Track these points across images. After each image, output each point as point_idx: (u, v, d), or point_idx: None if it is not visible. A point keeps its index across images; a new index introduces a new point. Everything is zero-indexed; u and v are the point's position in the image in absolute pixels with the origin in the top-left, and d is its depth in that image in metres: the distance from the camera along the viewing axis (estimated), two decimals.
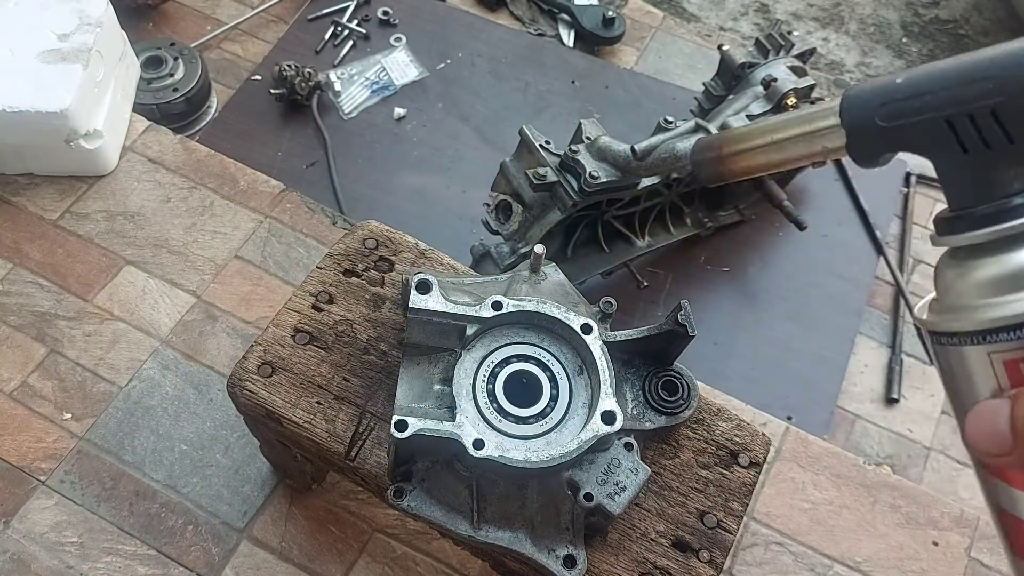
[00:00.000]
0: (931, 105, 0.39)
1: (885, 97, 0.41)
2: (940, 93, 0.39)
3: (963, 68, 0.39)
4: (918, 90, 0.40)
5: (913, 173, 2.01)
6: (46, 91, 1.49)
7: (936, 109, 0.39)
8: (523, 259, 1.43)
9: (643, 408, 0.94)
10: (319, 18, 2.13)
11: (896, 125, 0.41)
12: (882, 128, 0.42)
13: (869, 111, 0.42)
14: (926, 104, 0.39)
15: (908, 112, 0.40)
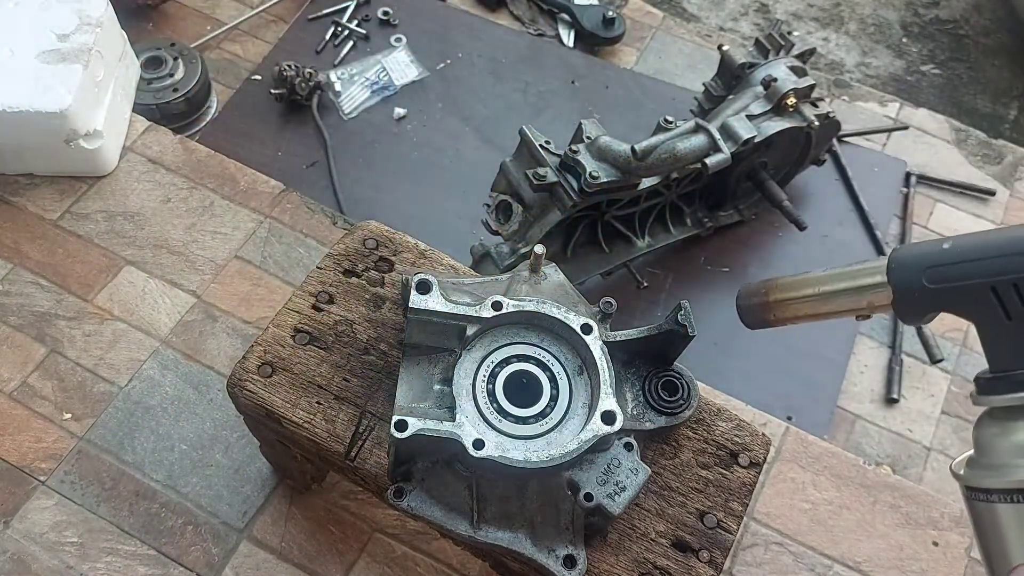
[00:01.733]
0: (977, 272, 0.41)
1: (932, 260, 0.43)
2: (987, 261, 0.41)
3: (1010, 239, 0.40)
4: (965, 256, 0.41)
5: (913, 173, 2.01)
6: (46, 91, 1.49)
7: (982, 276, 0.41)
8: (523, 259, 1.43)
9: (643, 408, 0.94)
10: (319, 18, 2.13)
11: (942, 287, 0.42)
12: (928, 289, 0.43)
13: (916, 272, 0.43)
14: (973, 270, 0.41)
15: (954, 276, 0.42)
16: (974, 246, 0.42)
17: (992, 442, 0.42)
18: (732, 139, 1.54)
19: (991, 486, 0.41)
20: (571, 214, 1.46)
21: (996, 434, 0.42)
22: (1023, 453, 0.40)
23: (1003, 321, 0.41)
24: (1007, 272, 0.40)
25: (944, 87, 2.53)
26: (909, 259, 0.45)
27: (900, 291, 0.45)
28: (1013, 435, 0.41)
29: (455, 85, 2.06)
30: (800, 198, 1.93)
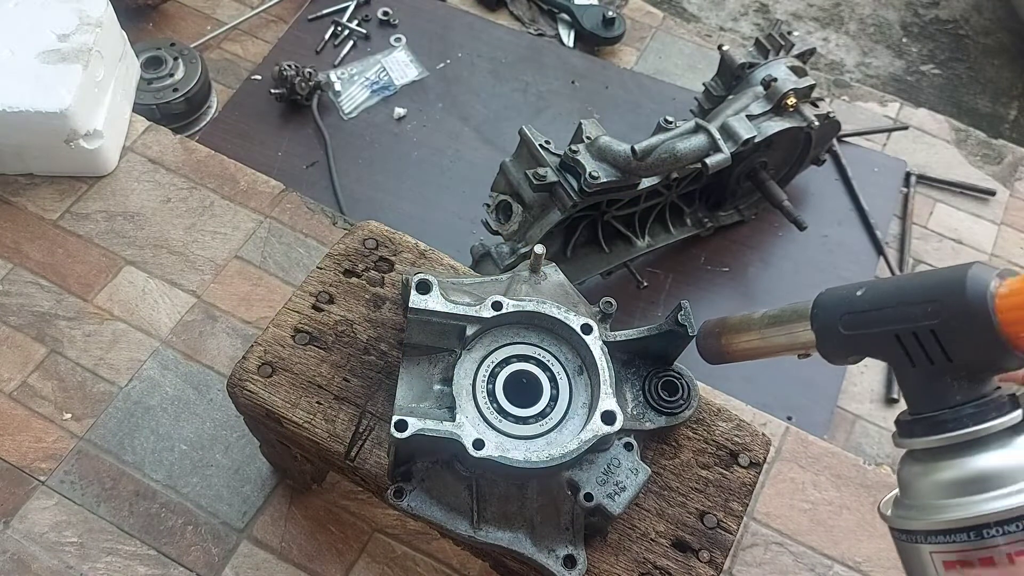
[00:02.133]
0: (883, 320, 0.42)
1: (847, 308, 0.45)
2: (890, 310, 0.42)
3: (910, 289, 0.42)
4: (873, 304, 0.43)
5: (913, 173, 2.01)
6: (46, 91, 1.49)
7: (887, 324, 0.42)
8: (523, 259, 1.43)
9: (643, 408, 0.94)
10: (319, 18, 2.13)
11: (856, 334, 0.44)
12: (844, 336, 0.45)
13: (834, 319, 0.45)
14: (879, 318, 0.42)
15: (864, 324, 0.43)
16: (881, 294, 0.43)
17: (914, 482, 0.44)
18: (732, 139, 1.54)
19: (915, 528, 0.42)
20: (571, 214, 1.46)
21: (918, 474, 0.43)
22: (943, 494, 0.41)
23: (909, 367, 0.42)
24: (907, 321, 0.41)
25: (944, 87, 2.53)
26: (829, 305, 0.46)
27: (821, 337, 0.47)
28: (933, 475, 0.42)
29: (455, 85, 2.06)
30: (800, 198, 1.93)
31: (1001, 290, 0.39)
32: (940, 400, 0.42)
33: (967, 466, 0.41)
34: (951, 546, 0.40)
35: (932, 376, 0.42)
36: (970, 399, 0.41)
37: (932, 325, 0.41)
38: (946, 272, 0.41)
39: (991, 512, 0.39)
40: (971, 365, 0.41)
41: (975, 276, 0.40)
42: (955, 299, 0.40)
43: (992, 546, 0.39)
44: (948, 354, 0.41)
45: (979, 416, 0.41)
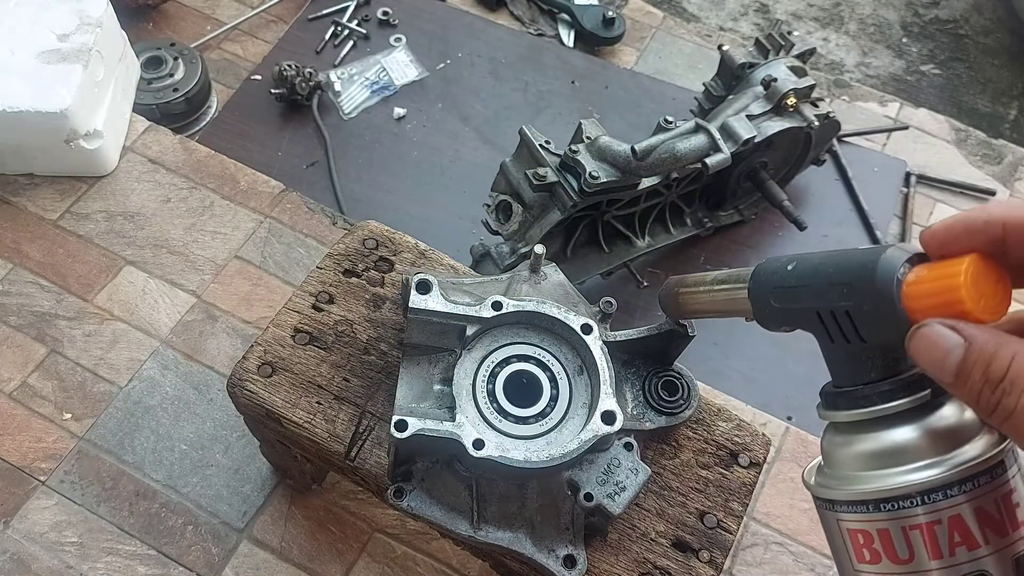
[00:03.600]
0: (806, 297, 0.44)
1: (777, 281, 0.47)
2: (812, 288, 0.44)
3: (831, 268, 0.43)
4: (799, 281, 0.45)
5: (913, 173, 2.01)
6: (46, 91, 1.49)
7: (809, 301, 0.44)
8: (523, 259, 1.43)
9: (643, 408, 0.94)
10: (319, 18, 2.13)
11: (784, 307, 0.46)
12: (776, 308, 0.47)
13: (766, 291, 0.47)
14: (803, 295, 0.44)
15: (791, 298, 0.45)
16: (806, 271, 0.45)
17: (835, 453, 0.45)
18: (732, 139, 1.54)
19: (834, 497, 0.44)
20: (571, 214, 1.46)
21: (839, 445, 0.45)
22: (863, 465, 0.43)
23: (829, 343, 0.44)
24: (825, 300, 0.42)
25: (944, 87, 2.53)
26: (763, 277, 0.48)
27: (755, 306, 0.48)
28: (854, 447, 0.43)
29: (455, 85, 2.06)
30: (800, 198, 1.94)
31: (909, 277, 0.40)
32: (857, 376, 0.44)
33: (876, 441, 0.43)
34: (856, 515, 0.42)
35: (850, 353, 0.43)
36: (884, 377, 0.43)
37: (847, 306, 0.42)
38: (862, 254, 0.42)
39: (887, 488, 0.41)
40: (884, 346, 0.42)
41: (885, 262, 0.40)
42: (866, 284, 0.41)
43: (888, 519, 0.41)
44: (861, 335, 0.42)
45: (890, 394, 0.42)
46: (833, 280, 0.43)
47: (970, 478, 0.40)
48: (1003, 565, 0.40)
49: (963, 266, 0.38)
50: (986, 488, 0.40)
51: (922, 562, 0.41)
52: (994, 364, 0.37)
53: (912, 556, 0.41)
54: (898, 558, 0.41)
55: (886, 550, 0.42)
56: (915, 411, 0.43)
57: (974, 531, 0.40)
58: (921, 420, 0.42)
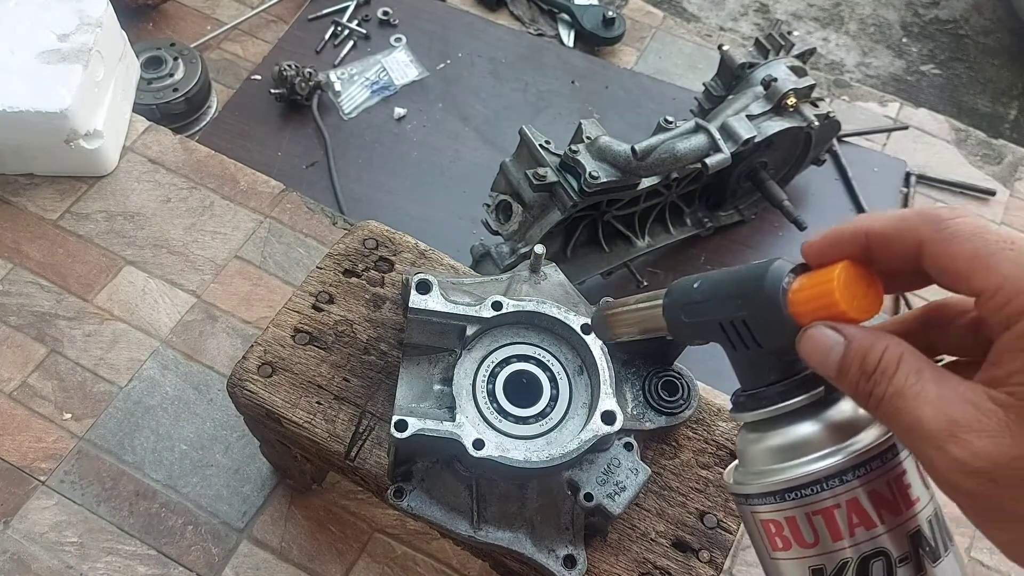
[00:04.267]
0: (710, 311, 0.48)
1: (686, 299, 0.51)
2: (715, 302, 0.48)
3: (728, 284, 0.48)
4: (704, 296, 0.49)
5: (913, 173, 2.01)
6: (46, 91, 1.49)
7: (713, 314, 0.48)
8: (523, 259, 1.43)
9: (643, 408, 0.94)
10: (319, 18, 2.13)
11: (693, 322, 0.50)
12: (687, 323, 0.51)
13: (677, 309, 0.51)
14: (708, 309, 0.49)
15: (699, 313, 0.49)
16: (709, 287, 0.49)
17: (747, 451, 0.48)
18: (732, 139, 1.54)
19: (747, 491, 0.48)
20: (571, 214, 1.46)
21: (749, 443, 0.48)
22: (771, 459, 0.46)
23: (732, 351, 0.48)
24: (726, 312, 0.47)
25: (944, 87, 2.53)
26: (674, 295, 0.52)
27: (670, 323, 0.52)
28: (761, 444, 0.47)
29: (455, 85, 2.06)
30: (800, 198, 1.94)
31: (793, 286, 0.44)
32: (759, 379, 0.48)
33: (780, 437, 0.47)
34: (766, 506, 0.47)
35: (751, 359, 0.48)
36: (783, 378, 0.47)
37: (743, 316, 0.46)
38: (754, 268, 0.46)
39: (789, 479, 0.45)
40: (779, 350, 0.46)
41: (772, 274, 0.45)
42: (757, 295, 0.45)
43: (794, 507, 0.45)
44: (758, 341, 0.46)
45: (787, 393, 0.46)
46: (730, 293, 0.47)
47: (862, 464, 0.44)
48: (899, 541, 0.44)
49: (835, 272, 0.43)
50: (878, 472, 0.44)
51: (826, 544, 0.45)
52: (869, 357, 0.41)
53: (817, 539, 0.45)
54: (805, 542, 0.45)
55: (794, 536, 0.46)
56: (812, 407, 0.46)
57: (870, 512, 0.44)
58: (819, 415, 0.46)
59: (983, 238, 0.39)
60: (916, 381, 0.39)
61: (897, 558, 0.44)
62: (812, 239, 0.46)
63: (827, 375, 0.43)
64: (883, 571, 0.44)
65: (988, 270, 0.38)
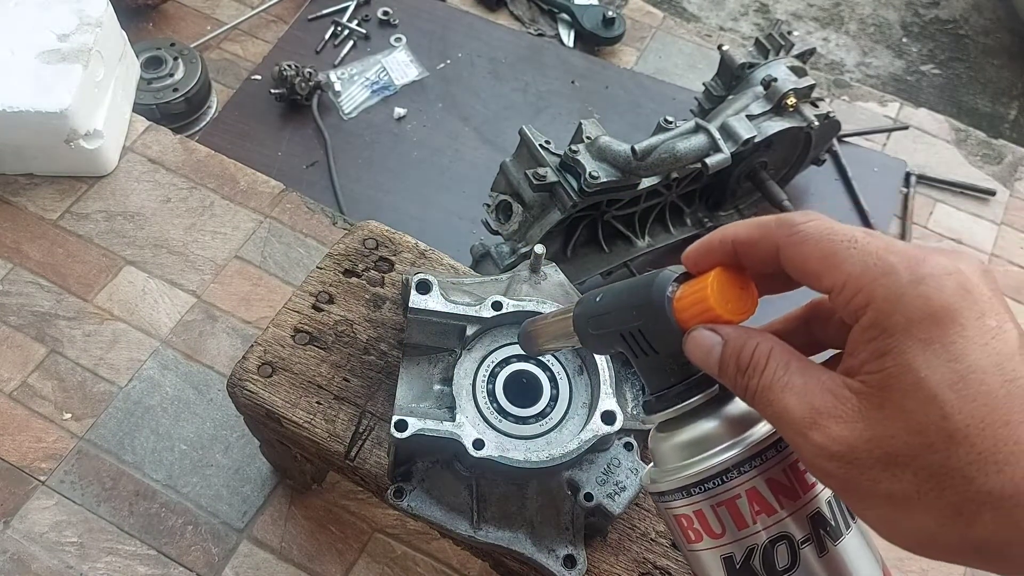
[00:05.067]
0: (610, 322, 0.51)
1: (591, 312, 0.53)
2: (612, 315, 0.51)
3: (622, 296, 0.50)
4: (605, 309, 0.52)
5: (913, 173, 2.01)
6: (46, 91, 1.49)
7: (613, 326, 0.51)
8: (523, 259, 1.43)
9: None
10: (319, 18, 2.13)
11: (599, 333, 0.53)
12: (593, 335, 0.53)
13: (584, 322, 0.54)
14: (608, 321, 0.51)
15: (602, 325, 0.52)
16: (609, 299, 0.52)
17: (657, 450, 0.51)
18: (732, 139, 1.54)
19: (660, 489, 0.50)
20: (571, 214, 1.46)
21: (659, 442, 0.51)
22: (679, 457, 0.49)
23: (634, 358, 0.51)
24: (624, 323, 0.50)
25: (944, 87, 2.53)
26: (582, 309, 0.54)
27: (579, 335, 0.55)
28: (668, 442, 0.50)
29: (455, 85, 2.06)
30: (800, 198, 1.94)
31: (677, 294, 0.47)
32: (661, 382, 0.50)
33: (684, 434, 0.49)
34: (678, 502, 0.49)
35: (651, 364, 0.50)
36: (680, 380, 0.49)
37: (638, 325, 0.49)
38: (644, 279, 0.49)
39: (692, 474, 0.48)
40: (673, 355, 0.49)
41: (658, 285, 0.48)
42: (647, 305, 0.48)
43: (700, 501, 0.48)
44: (654, 348, 0.49)
45: (685, 393, 0.49)
46: (625, 305, 0.50)
47: (758, 455, 0.46)
48: (801, 524, 0.46)
49: (709, 280, 0.46)
50: (774, 461, 0.46)
51: (733, 533, 0.47)
52: (742, 354, 0.44)
53: (724, 529, 0.47)
54: (714, 533, 0.48)
55: (704, 528, 0.48)
56: (710, 404, 0.49)
57: (770, 499, 0.46)
58: (716, 411, 0.48)
59: (830, 239, 0.41)
60: (784, 374, 0.42)
61: (800, 540, 0.46)
62: (689, 248, 0.48)
63: (711, 374, 0.46)
64: (787, 553, 0.46)
65: (834, 269, 0.41)
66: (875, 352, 0.39)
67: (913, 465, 0.38)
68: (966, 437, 0.36)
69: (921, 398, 0.37)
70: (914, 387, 0.37)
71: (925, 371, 0.37)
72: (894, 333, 0.38)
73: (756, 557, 0.47)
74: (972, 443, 0.36)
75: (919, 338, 0.38)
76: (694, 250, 0.48)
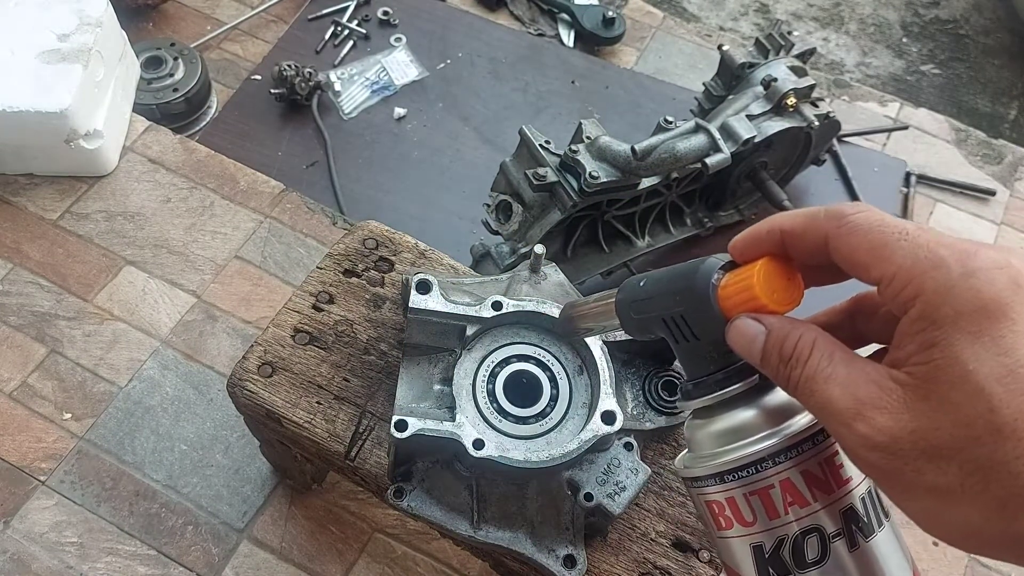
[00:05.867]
0: (654, 307, 0.52)
1: (634, 296, 0.54)
2: (655, 300, 0.51)
3: (666, 281, 0.51)
4: (648, 294, 0.52)
5: (913, 173, 2.01)
6: (46, 91, 1.49)
7: (656, 310, 0.51)
8: (523, 259, 1.43)
9: (643, 408, 0.94)
10: (319, 18, 2.13)
11: (641, 318, 0.53)
12: (635, 319, 0.54)
13: (627, 306, 0.54)
14: (651, 305, 0.52)
15: (645, 310, 0.53)
16: (652, 284, 0.53)
17: (693, 437, 0.52)
18: (732, 139, 1.54)
19: (694, 474, 0.50)
20: (571, 214, 1.46)
21: (695, 429, 0.52)
22: (714, 444, 0.49)
23: (675, 344, 0.51)
24: (667, 308, 0.50)
25: (944, 87, 2.53)
26: (625, 292, 0.55)
27: (621, 318, 0.56)
28: (705, 429, 0.50)
29: (455, 85, 2.06)
30: (800, 198, 1.94)
31: (722, 282, 0.48)
32: (701, 369, 0.51)
33: (721, 422, 0.50)
34: (711, 488, 0.49)
35: (692, 350, 0.51)
36: (721, 367, 0.50)
37: (681, 311, 0.50)
38: (689, 267, 0.50)
39: (727, 461, 0.48)
40: (714, 342, 0.49)
41: (703, 272, 0.48)
42: (690, 292, 0.49)
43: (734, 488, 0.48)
44: (695, 334, 0.50)
45: (725, 381, 0.49)
46: (669, 291, 0.50)
47: (795, 446, 0.47)
48: (833, 518, 0.46)
49: (755, 269, 0.46)
50: (810, 454, 0.47)
51: (764, 522, 0.47)
52: (786, 344, 0.44)
53: (756, 518, 0.47)
54: (745, 521, 0.48)
55: (736, 515, 0.48)
56: (749, 393, 0.49)
57: (803, 491, 0.46)
58: (755, 401, 0.49)
59: (880, 231, 0.41)
60: (827, 364, 0.42)
61: (831, 534, 0.46)
62: (736, 237, 0.48)
63: (753, 363, 0.46)
64: (818, 546, 0.46)
65: (884, 260, 0.40)
66: (923, 344, 0.39)
67: (958, 458, 0.37)
68: (1013, 432, 0.36)
69: (968, 391, 0.37)
70: (961, 379, 0.37)
71: (973, 364, 0.37)
72: (943, 325, 0.38)
73: (786, 548, 0.47)
74: (1020, 437, 0.36)
75: (968, 331, 0.37)
76: (741, 239, 0.48)
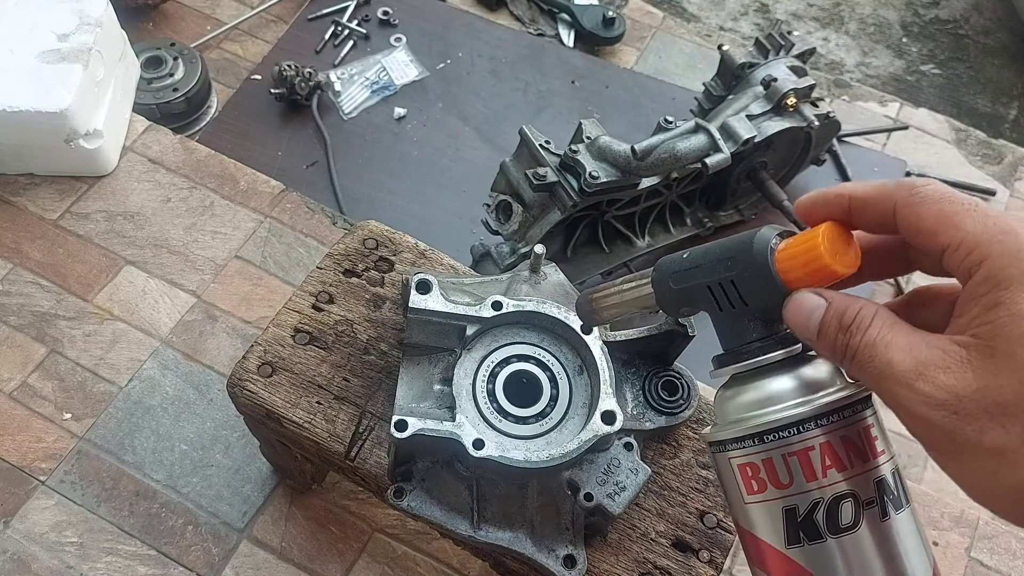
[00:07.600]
0: (699, 275, 0.53)
1: (675, 267, 0.55)
2: (702, 268, 0.53)
3: (717, 249, 0.52)
4: (692, 264, 0.53)
5: (913, 173, 2.01)
6: (46, 91, 1.49)
7: (701, 278, 0.52)
8: (523, 259, 1.43)
9: (643, 408, 0.94)
10: (319, 18, 2.13)
11: (682, 288, 0.54)
12: (674, 290, 0.55)
13: (666, 277, 0.56)
14: (696, 274, 0.53)
15: (687, 279, 0.54)
16: (698, 254, 0.54)
17: (725, 405, 0.53)
18: (732, 139, 1.54)
19: (724, 437, 0.52)
20: (571, 214, 1.46)
21: (728, 398, 0.53)
22: (748, 409, 0.51)
23: (718, 312, 0.53)
24: (714, 274, 0.51)
25: (944, 87, 2.53)
26: (663, 266, 0.56)
27: (657, 291, 0.57)
28: (740, 397, 0.52)
29: (455, 85, 2.06)
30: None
31: (780, 246, 0.49)
32: (741, 337, 0.52)
33: (758, 389, 0.51)
34: (743, 450, 0.50)
35: (735, 318, 0.52)
36: (763, 336, 0.52)
37: (731, 276, 0.51)
38: (743, 235, 0.51)
39: (768, 422, 0.49)
40: (763, 308, 0.50)
41: (761, 236, 0.49)
42: (746, 255, 0.50)
43: (771, 449, 0.49)
44: (744, 300, 0.51)
45: (766, 348, 0.51)
46: (720, 256, 0.51)
47: (836, 411, 0.48)
48: (867, 486, 0.47)
49: (821, 230, 0.47)
50: (850, 420, 0.48)
51: (800, 484, 0.48)
52: (847, 314, 0.45)
53: (792, 480, 0.48)
54: (780, 483, 0.49)
55: (770, 477, 0.49)
56: (790, 361, 0.50)
57: (842, 456, 0.47)
58: (795, 369, 0.50)
59: (950, 201, 0.42)
60: (888, 331, 0.43)
61: (865, 500, 0.47)
62: (802, 197, 0.50)
63: (808, 336, 0.47)
64: (852, 512, 0.47)
65: (951, 227, 0.41)
66: (987, 305, 0.39)
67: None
68: None
69: None
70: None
71: None
72: (1009, 286, 0.39)
73: (820, 511, 0.47)
74: None
75: None
76: (808, 198, 0.49)
